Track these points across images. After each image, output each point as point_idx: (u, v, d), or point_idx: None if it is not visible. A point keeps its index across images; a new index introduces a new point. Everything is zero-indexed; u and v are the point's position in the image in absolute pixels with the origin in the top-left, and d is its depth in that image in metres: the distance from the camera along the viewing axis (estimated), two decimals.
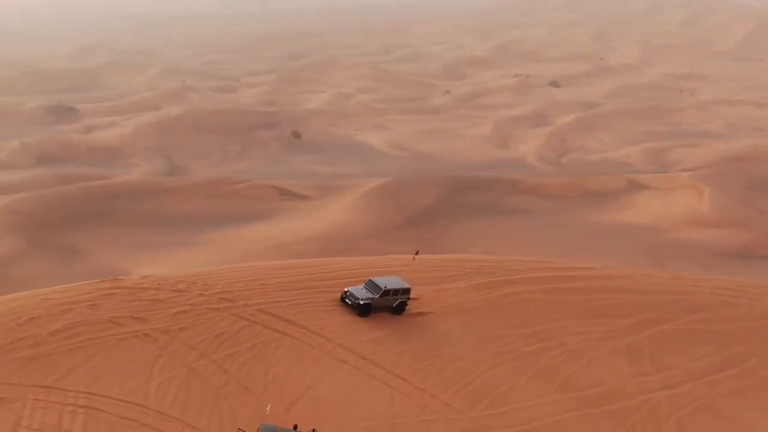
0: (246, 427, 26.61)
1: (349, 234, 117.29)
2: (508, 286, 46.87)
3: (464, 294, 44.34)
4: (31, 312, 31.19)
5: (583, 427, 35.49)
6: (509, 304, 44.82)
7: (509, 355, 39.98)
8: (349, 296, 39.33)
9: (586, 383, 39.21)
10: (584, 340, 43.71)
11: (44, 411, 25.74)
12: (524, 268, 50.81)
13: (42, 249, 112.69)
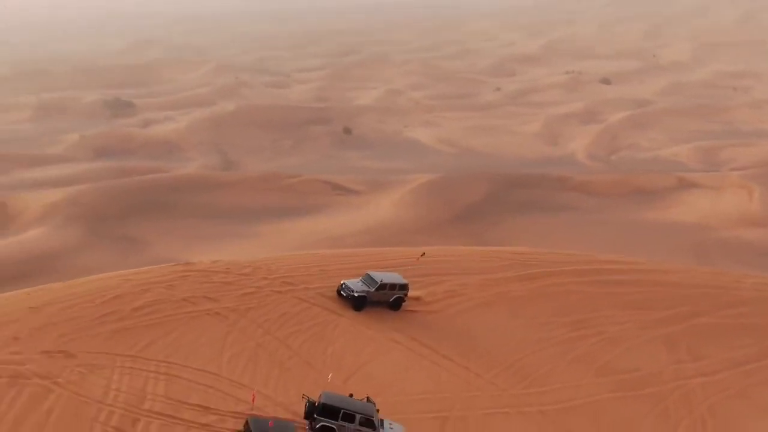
0: (309, 395, 29.74)
1: (399, 228, 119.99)
2: (551, 277, 49.37)
3: (509, 284, 46.99)
4: (115, 291, 34.74)
5: (618, 408, 38.01)
6: (552, 294, 47.35)
7: (551, 341, 42.59)
8: (345, 288, 39.52)
9: (624, 368, 41.67)
10: (624, 329, 46.12)
11: (130, 376, 29.16)
12: (567, 260, 53.30)
13: (102, 239, 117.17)
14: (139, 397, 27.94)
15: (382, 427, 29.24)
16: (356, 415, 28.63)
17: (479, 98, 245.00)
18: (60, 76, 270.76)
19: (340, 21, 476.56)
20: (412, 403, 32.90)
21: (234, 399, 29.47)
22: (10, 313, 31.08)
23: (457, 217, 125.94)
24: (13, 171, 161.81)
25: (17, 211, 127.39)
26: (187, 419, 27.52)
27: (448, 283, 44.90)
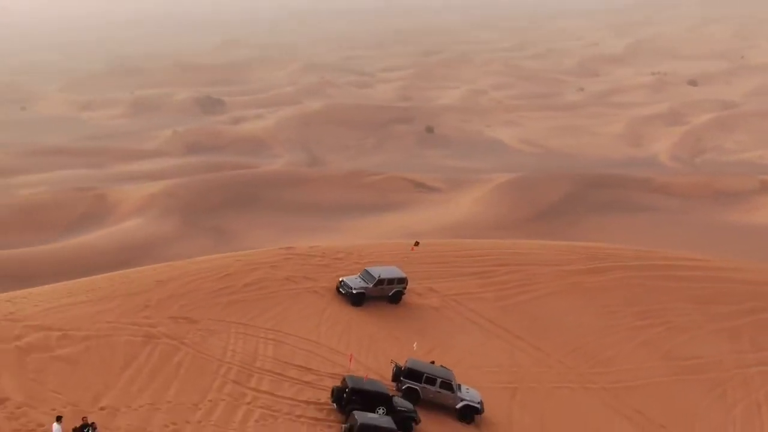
0: (396, 361, 34.29)
1: (480, 225, 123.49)
2: (622, 270, 52.73)
3: (580, 275, 50.58)
4: (228, 269, 39.87)
5: (677, 389, 41.45)
6: (621, 286, 50.76)
7: (618, 327, 46.17)
8: (343, 286, 40.06)
9: (686, 355, 45.00)
10: (689, 320, 49.31)
11: (244, 340, 34.09)
12: (638, 255, 56.52)
13: (195, 230, 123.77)
14: (252, 357, 32.86)
15: (459, 390, 33.51)
16: (437, 378, 33.02)
17: (562, 98, 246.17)
18: (153, 73, 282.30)
19: (425, 20, 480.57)
20: (486, 375, 37.08)
21: (331, 362, 34.16)
22: (141, 285, 36.37)
23: (537, 216, 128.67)
24: (112, 165, 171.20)
25: (116, 202, 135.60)
26: (292, 377, 32.30)
27: (522, 273, 48.79)
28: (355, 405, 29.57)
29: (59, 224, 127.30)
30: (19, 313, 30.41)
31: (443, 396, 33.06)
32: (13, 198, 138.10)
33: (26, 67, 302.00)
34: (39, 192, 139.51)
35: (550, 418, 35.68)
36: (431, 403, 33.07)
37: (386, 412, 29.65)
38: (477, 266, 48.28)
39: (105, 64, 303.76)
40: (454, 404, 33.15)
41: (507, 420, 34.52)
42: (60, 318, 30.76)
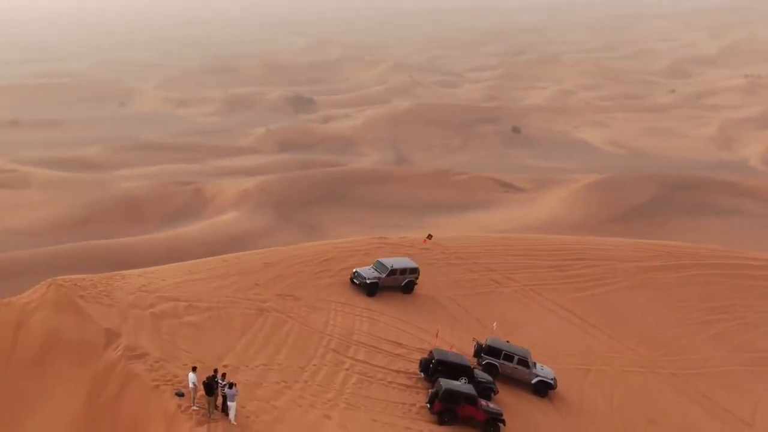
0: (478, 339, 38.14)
1: (564, 226, 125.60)
2: (698, 268, 55.29)
3: (656, 271, 53.37)
4: (327, 255, 44.34)
5: (745, 378, 44.06)
6: (696, 283, 53.34)
7: (690, 320, 48.91)
8: (357, 276, 41.40)
9: (757, 348, 47.48)
10: (762, 317, 51.62)
11: (342, 317, 38.39)
12: (715, 255, 58.85)
13: (287, 224, 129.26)
14: (349, 331, 37.15)
15: (535, 367, 37.14)
16: (514, 356, 36.76)
17: (652, 100, 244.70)
18: (246, 72, 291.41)
19: (515, 20, 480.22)
20: (560, 357, 40.57)
21: (419, 339, 38.21)
22: (251, 266, 41.08)
23: (623, 217, 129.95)
24: (207, 160, 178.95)
25: (212, 196, 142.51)
26: (385, 350, 36.48)
27: (599, 267, 51.93)
28: (440, 374, 33.56)
29: (158, 216, 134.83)
30: (151, 285, 35.37)
31: (520, 372, 36.76)
32: (115, 190, 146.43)
33: (123, 65, 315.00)
34: (139, 185, 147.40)
35: (620, 397, 38.93)
36: (509, 377, 36.81)
37: (468, 382, 33.52)
38: (555, 260, 51.65)
39: (199, 62, 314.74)
40: (530, 379, 36.81)
41: (578, 397, 37.96)
42: (185, 291, 35.64)
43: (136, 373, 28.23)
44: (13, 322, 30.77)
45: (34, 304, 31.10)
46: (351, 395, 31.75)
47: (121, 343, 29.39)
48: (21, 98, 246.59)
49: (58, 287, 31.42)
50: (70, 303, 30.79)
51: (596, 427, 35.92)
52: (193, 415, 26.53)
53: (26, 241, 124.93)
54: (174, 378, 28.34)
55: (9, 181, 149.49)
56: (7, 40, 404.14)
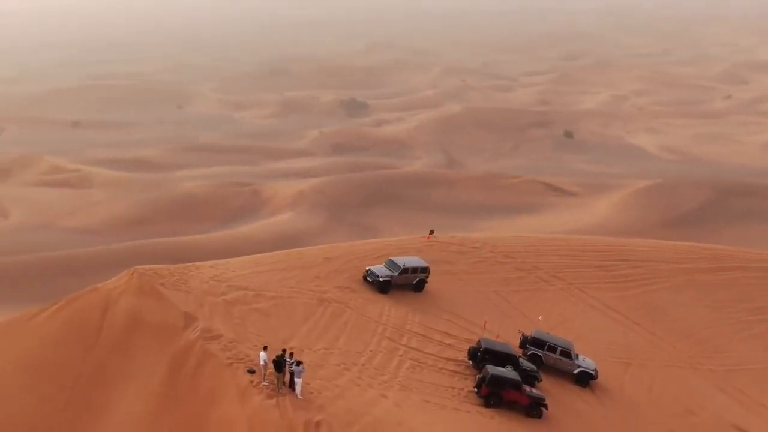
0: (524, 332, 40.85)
1: (615, 230, 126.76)
2: (741, 271, 57.15)
3: (698, 273, 55.40)
4: (381, 251, 47.29)
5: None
6: (737, 285, 55.25)
7: (730, 320, 50.89)
8: (370, 274, 42.85)
9: None
10: None
11: (396, 308, 40.90)
12: (759, 258, 60.52)
13: (341, 225, 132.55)
14: (402, 321, 40.05)
15: (577, 359, 39.64)
16: (558, 347, 39.33)
17: (708, 106, 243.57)
18: (301, 75, 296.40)
19: (572, 23, 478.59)
20: (602, 350, 42.99)
21: (468, 331, 40.99)
22: (312, 260, 44.22)
23: (673, 222, 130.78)
24: (263, 162, 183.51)
25: (269, 197, 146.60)
26: (436, 339, 39.34)
27: (642, 268, 54.09)
28: (487, 362, 36.28)
29: (217, 216, 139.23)
30: (222, 276, 38.71)
31: (562, 362, 39.29)
32: (175, 190, 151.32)
33: (182, 67, 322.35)
34: (199, 185, 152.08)
35: (658, 389, 41.20)
36: (552, 368, 39.37)
37: (513, 369, 36.18)
38: (600, 260, 53.97)
39: (255, 65, 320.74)
40: (572, 370, 39.34)
41: (618, 387, 40.37)
42: (253, 281, 38.93)
43: (211, 352, 31.50)
44: (100, 306, 34.25)
45: (119, 290, 34.58)
46: (404, 378, 34.66)
47: (198, 326, 32.71)
48: (82, 99, 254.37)
49: (141, 275, 34.87)
50: (152, 289, 34.22)
51: (634, 415, 38.30)
52: (263, 390, 29.67)
53: (90, 238, 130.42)
54: (245, 357, 31.53)
55: (73, 181, 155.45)
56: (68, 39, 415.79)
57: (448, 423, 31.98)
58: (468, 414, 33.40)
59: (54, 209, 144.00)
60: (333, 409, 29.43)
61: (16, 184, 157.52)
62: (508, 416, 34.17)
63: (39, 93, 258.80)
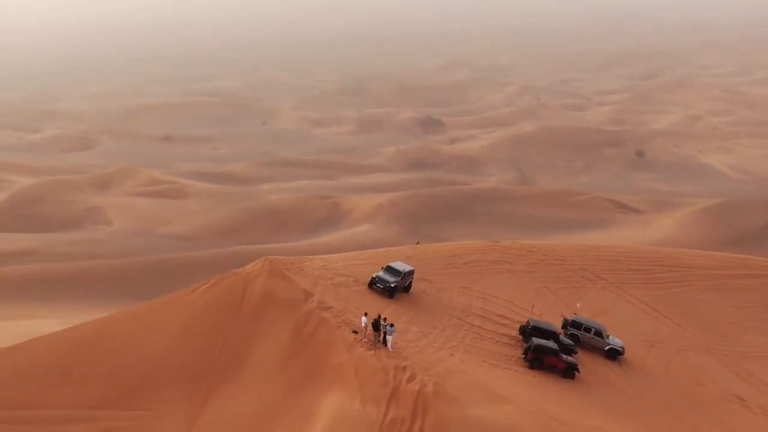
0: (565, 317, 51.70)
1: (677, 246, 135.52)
2: (757, 278, 66.59)
3: (729, 279, 65.18)
4: (452, 252, 58.84)
5: None
6: (763, 289, 64.78)
7: (752, 319, 60.70)
8: (380, 281, 48.76)
9: None
10: None
11: (463, 296, 52.62)
12: None
13: (415, 236, 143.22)
14: (468, 306, 51.39)
15: (608, 338, 50.32)
16: (592, 328, 50.14)
17: None
18: (379, 93, 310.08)
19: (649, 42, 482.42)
20: (631, 334, 53.54)
21: (520, 315, 52.07)
22: (395, 257, 55.95)
23: (736, 240, 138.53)
24: (343, 177, 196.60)
25: (348, 210, 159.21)
26: (494, 320, 50.56)
27: (678, 272, 64.28)
28: (533, 336, 47.36)
29: (302, 226, 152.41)
30: (328, 266, 50.66)
31: (596, 341, 50.09)
32: (262, 202, 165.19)
33: (266, 84, 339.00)
34: (284, 198, 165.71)
35: (675, 365, 51.60)
36: (588, 345, 50.16)
37: (557, 343, 47.12)
38: (642, 265, 64.44)
39: (335, 83, 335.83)
40: (603, 347, 50.09)
41: (641, 363, 50.92)
42: (352, 271, 50.80)
43: (325, 318, 43.31)
44: (241, 285, 46.33)
45: (255, 273, 46.66)
46: (468, 345, 45.99)
47: (314, 299, 44.58)
48: (173, 115, 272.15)
49: (271, 262, 46.95)
50: (279, 272, 46.27)
51: (651, 383, 48.83)
52: (364, 345, 41.28)
53: (186, 244, 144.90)
54: (350, 322, 43.18)
55: (170, 192, 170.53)
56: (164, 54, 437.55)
57: (500, 377, 43.17)
58: (516, 372, 44.57)
59: (153, 217, 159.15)
60: (414, 359, 40.84)
61: (117, 194, 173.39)
62: (547, 377, 45.17)
63: (133, 108, 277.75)
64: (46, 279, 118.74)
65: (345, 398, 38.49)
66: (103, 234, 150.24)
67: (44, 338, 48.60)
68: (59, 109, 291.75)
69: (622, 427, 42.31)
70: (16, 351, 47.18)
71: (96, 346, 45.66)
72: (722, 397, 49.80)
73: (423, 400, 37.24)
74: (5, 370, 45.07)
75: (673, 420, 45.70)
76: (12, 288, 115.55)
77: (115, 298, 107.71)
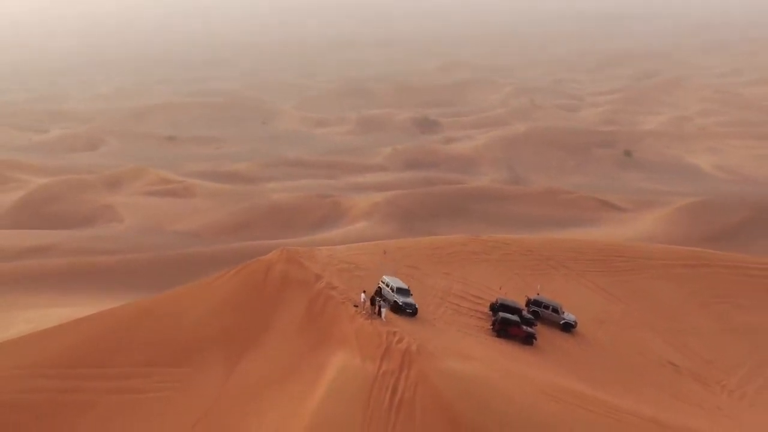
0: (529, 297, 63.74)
1: (654, 242, 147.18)
2: (711, 267, 78.72)
3: (677, 268, 77.18)
4: (436, 244, 70.96)
5: (721, 339, 67.52)
6: (707, 277, 76.86)
7: (695, 302, 72.86)
8: (407, 306, 55.67)
9: (737, 321, 70.74)
10: (752, 301, 74.60)
11: (444, 281, 64.65)
12: (729, 258, 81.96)
13: (412, 233, 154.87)
14: (448, 288, 63.39)
15: (563, 314, 62.30)
16: (550, 305, 62.18)
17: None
18: (378, 94, 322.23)
19: (647, 43, 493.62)
20: (585, 313, 65.50)
21: (492, 296, 63.99)
22: (389, 249, 67.90)
23: (711, 237, 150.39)
24: (343, 176, 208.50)
25: (348, 208, 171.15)
26: (469, 299, 62.55)
27: (632, 262, 76.31)
28: (500, 311, 59.38)
29: (304, 224, 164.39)
30: (334, 255, 62.76)
31: (553, 316, 62.10)
32: (266, 201, 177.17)
33: (268, 85, 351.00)
34: (287, 197, 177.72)
35: (621, 339, 63.68)
36: (547, 320, 62.14)
37: (519, 317, 59.12)
38: (602, 256, 76.50)
39: (335, 84, 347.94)
40: (559, 321, 62.13)
41: (592, 336, 62.97)
42: (353, 260, 62.90)
43: (332, 296, 55.34)
44: (263, 270, 58.36)
45: (274, 260, 58.69)
46: (447, 318, 58.03)
47: (323, 281, 56.62)
48: (176, 115, 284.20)
49: (288, 251, 59.07)
50: (295, 259, 58.35)
51: (598, 351, 60.90)
52: (362, 316, 53.25)
53: (195, 241, 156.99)
54: (352, 299, 55.17)
55: (178, 191, 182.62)
56: (168, 55, 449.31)
57: (472, 342, 55.21)
58: (485, 339, 56.64)
59: (162, 215, 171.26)
60: (403, 327, 52.82)
61: (127, 193, 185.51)
62: (510, 343, 57.17)
63: (137, 108, 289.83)
64: (67, 272, 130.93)
65: (348, 356, 50.41)
66: (116, 231, 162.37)
67: (102, 314, 61.04)
68: (65, 110, 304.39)
69: (571, 381, 54.31)
70: (80, 324, 59.54)
71: (146, 319, 57.86)
72: (658, 364, 61.88)
73: (408, 356, 49.19)
74: (76, 338, 57.32)
75: (614, 380, 57.70)
76: (35, 280, 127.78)
77: (133, 289, 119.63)
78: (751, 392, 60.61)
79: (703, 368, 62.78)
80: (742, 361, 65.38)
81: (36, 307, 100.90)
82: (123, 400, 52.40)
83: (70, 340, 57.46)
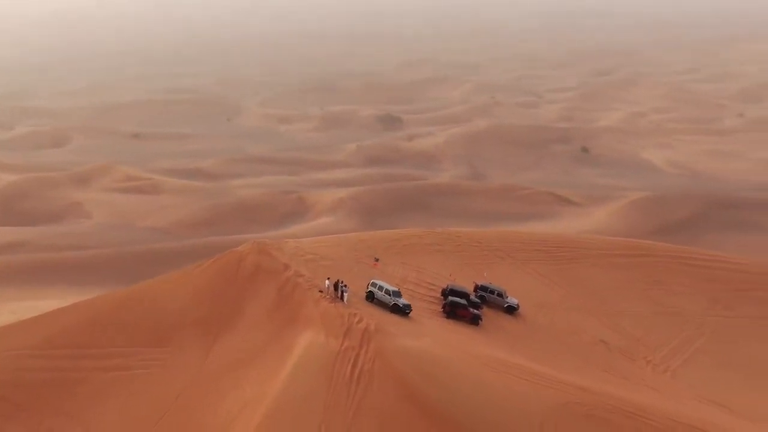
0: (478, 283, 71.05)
1: (609, 235, 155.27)
2: (649, 257, 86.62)
3: (615, 257, 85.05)
4: (397, 236, 78.11)
5: (653, 320, 75.30)
6: (644, 266, 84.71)
7: (632, 289, 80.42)
8: (406, 306, 62.12)
9: (667, 303, 78.65)
10: (684, 287, 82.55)
11: (402, 269, 71.68)
12: (668, 248, 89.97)
13: (374, 228, 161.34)
14: (405, 275, 70.56)
15: (507, 298, 69.74)
16: (495, 290, 69.61)
17: (720, 123, 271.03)
18: (343, 91, 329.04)
19: (615, 39, 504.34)
20: (526, 298, 73.04)
21: (444, 282, 71.31)
22: (353, 241, 74.82)
23: (661, 230, 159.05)
24: (307, 173, 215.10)
25: (312, 204, 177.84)
26: (424, 286, 69.73)
27: (574, 252, 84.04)
28: (450, 295, 66.65)
29: (269, 219, 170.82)
30: (301, 247, 69.62)
31: (498, 300, 69.55)
32: (232, 197, 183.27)
33: (233, 81, 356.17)
34: (252, 193, 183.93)
35: (559, 321, 71.28)
36: (493, 303, 69.52)
37: (467, 301, 66.41)
38: (546, 247, 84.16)
39: (300, 80, 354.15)
40: (503, 305, 69.58)
41: (532, 318, 70.54)
42: (319, 251, 69.85)
43: (299, 282, 62.23)
44: (236, 260, 65.11)
45: (246, 251, 65.45)
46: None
47: (291, 270, 63.53)
48: (141, 112, 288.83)
49: (259, 243, 65.91)
50: (265, 250, 65.19)
51: (537, 331, 68.49)
52: (326, 300, 60.21)
53: (163, 236, 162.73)
54: (317, 285, 62.10)
55: (145, 188, 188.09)
56: (134, 51, 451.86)
57: (425, 323, 62.44)
58: (437, 321, 63.91)
59: (130, 212, 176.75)
60: (362, 309, 59.85)
61: (95, 190, 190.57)
62: (459, 324, 64.49)
63: (103, 105, 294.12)
64: (39, 268, 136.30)
65: (314, 335, 57.39)
66: (85, 227, 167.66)
67: (85, 302, 67.46)
68: (32, 107, 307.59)
69: (511, 356, 61.70)
70: (62, 312, 66.04)
71: (130, 305, 64.46)
72: (591, 342, 69.62)
73: (367, 334, 56.23)
74: (62, 324, 63.78)
75: (550, 356, 65.21)
76: (7, 276, 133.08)
77: (104, 283, 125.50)
78: (674, 366, 68.55)
79: (633, 346, 70.60)
80: (669, 340, 73.30)
81: (18, 300, 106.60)
82: (111, 377, 58.91)
83: (56, 327, 63.75)
